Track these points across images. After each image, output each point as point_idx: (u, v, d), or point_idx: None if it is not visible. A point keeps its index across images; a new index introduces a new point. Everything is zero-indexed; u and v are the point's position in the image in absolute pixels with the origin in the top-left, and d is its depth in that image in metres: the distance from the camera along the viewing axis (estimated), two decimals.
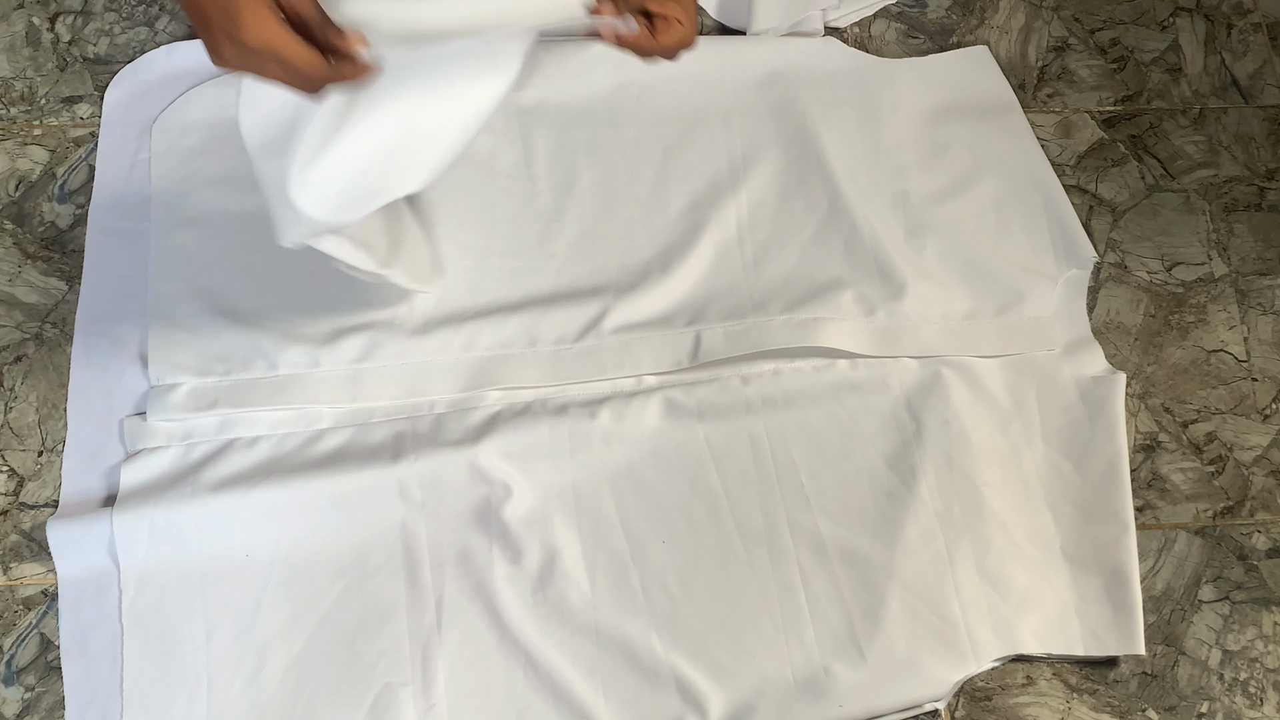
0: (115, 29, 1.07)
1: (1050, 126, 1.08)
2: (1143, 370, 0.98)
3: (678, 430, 0.91)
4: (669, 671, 0.83)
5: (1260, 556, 0.92)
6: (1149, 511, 0.93)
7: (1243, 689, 0.87)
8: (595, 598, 0.85)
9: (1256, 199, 1.06)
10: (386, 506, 0.87)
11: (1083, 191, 1.05)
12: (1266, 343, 1.00)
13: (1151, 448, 0.95)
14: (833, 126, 1.04)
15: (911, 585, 0.86)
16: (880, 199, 1.01)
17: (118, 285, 0.94)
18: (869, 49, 1.11)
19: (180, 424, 0.89)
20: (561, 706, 0.82)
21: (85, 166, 1.00)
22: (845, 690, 0.82)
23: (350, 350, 0.91)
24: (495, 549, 0.86)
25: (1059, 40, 1.13)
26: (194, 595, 0.84)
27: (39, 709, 0.82)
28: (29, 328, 0.94)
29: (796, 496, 0.89)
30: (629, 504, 0.88)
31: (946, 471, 0.90)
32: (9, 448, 0.90)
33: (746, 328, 0.94)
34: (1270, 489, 0.94)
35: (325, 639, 0.83)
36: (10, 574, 0.86)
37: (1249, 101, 1.11)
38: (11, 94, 1.03)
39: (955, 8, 1.14)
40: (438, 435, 0.89)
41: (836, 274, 0.97)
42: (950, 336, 0.95)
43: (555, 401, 0.91)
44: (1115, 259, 1.02)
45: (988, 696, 0.86)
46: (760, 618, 0.85)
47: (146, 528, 0.84)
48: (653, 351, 0.93)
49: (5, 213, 0.98)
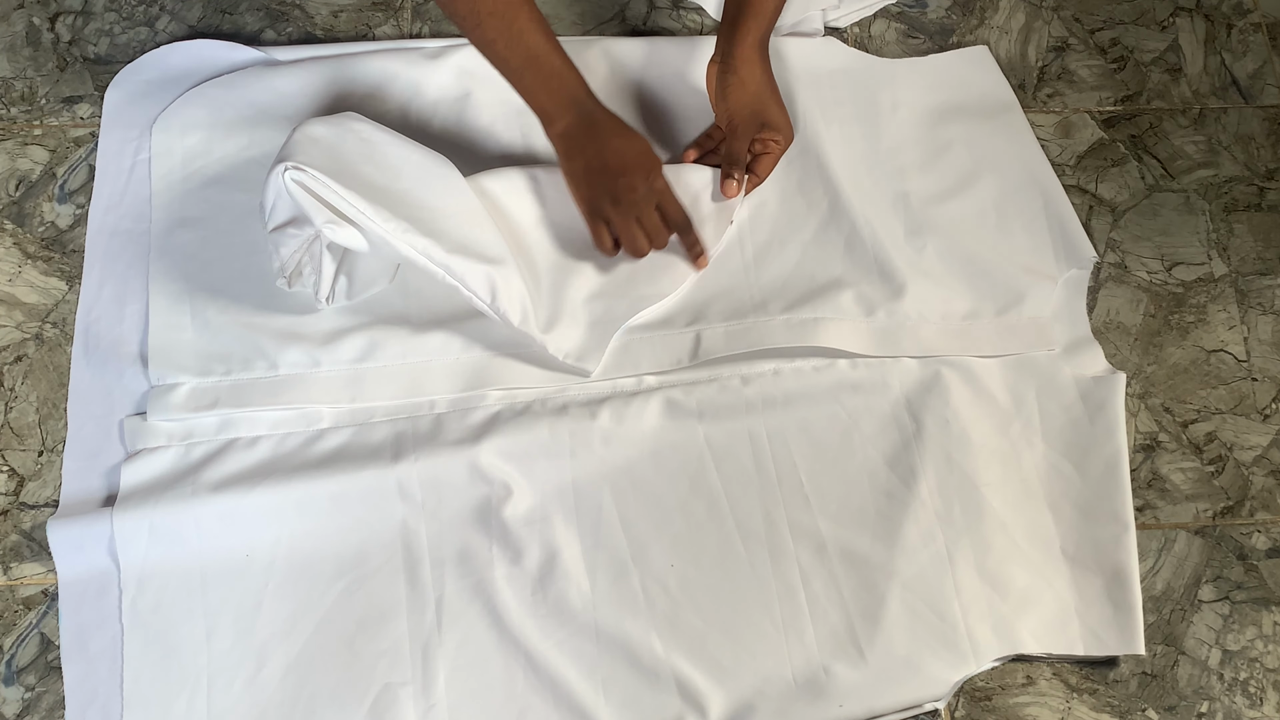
0: (115, 29, 1.07)
1: (1050, 126, 1.08)
2: (1143, 370, 0.98)
3: (678, 430, 0.91)
4: (669, 671, 0.83)
5: (1260, 556, 0.92)
6: (1149, 511, 0.93)
7: (1242, 689, 0.87)
8: (595, 598, 0.85)
9: (1256, 199, 1.06)
10: (387, 506, 0.87)
11: (1083, 191, 1.05)
12: (1266, 343, 1.00)
13: (1151, 448, 0.95)
14: (833, 126, 1.04)
15: (911, 585, 0.86)
16: (880, 199, 1.01)
17: (118, 285, 0.94)
18: (869, 49, 1.11)
19: (180, 424, 0.89)
20: (561, 706, 0.82)
21: (85, 166, 1.00)
22: (845, 690, 0.82)
23: (350, 350, 0.91)
24: (495, 549, 0.86)
25: (1059, 40, 1.13)
26: (194, 595, 0.84)
27: (39, 709, 0.82)
28: (29, 328, 0.94)
29: (796, 496, 0.89)
30: (629, 504, 0.88)
31: (946, 471, 0.90)
32: (9, 448, 0.90)
33: (746, 327, 0.94)
34: (1270, 489, 0.94)
35: (325, 639, 0.83)
36: (10, 574, 0.86)
37: (1249, 101, 1.11)
38: (11, 94, 1.03)
39: (955, 8, 1.14)
40: (438, 435, 0.89)
41: (837, 274, 0.97)
42: (950, 336, 0.95)
43: (555, 401, 0.91)
44: (1115, 259, 1.02)
45: (988, 696, 0.86)
46: (760, 618, 0.85)
47: (146, 528, 0.84)
48: (653, 351, 0.93)
49: (5, 213, 0.98)
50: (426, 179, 0.89)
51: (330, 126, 0.88)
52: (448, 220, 0.88)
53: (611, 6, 1.11)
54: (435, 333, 0.92)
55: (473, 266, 0.87)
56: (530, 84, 0.89)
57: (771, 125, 0.95)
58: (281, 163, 0.83)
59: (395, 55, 1.03)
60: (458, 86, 1.03)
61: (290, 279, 0.88)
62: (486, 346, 0.92)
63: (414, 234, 0.85)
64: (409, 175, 0.89)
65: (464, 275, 0.87)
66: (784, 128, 0.97)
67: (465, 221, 0.89)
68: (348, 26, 1.09)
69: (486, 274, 0.87)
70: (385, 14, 1.09)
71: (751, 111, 0.95)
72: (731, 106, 0.95)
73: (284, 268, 0.88)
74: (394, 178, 0.88)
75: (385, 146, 0.89)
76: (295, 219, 0.85)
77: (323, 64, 1.03)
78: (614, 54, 1.06)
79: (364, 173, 0.86)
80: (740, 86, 0.94)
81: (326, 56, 1.04)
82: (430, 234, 0.86)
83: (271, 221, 0.86)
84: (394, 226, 0.84)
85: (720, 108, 0.96)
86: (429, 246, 0.85)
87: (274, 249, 0.87)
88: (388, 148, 0.89)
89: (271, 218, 0.86)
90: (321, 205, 0.83)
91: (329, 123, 0.89)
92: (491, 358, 0.92)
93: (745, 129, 0.95)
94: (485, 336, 0.92)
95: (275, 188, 0.84)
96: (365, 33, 1.09)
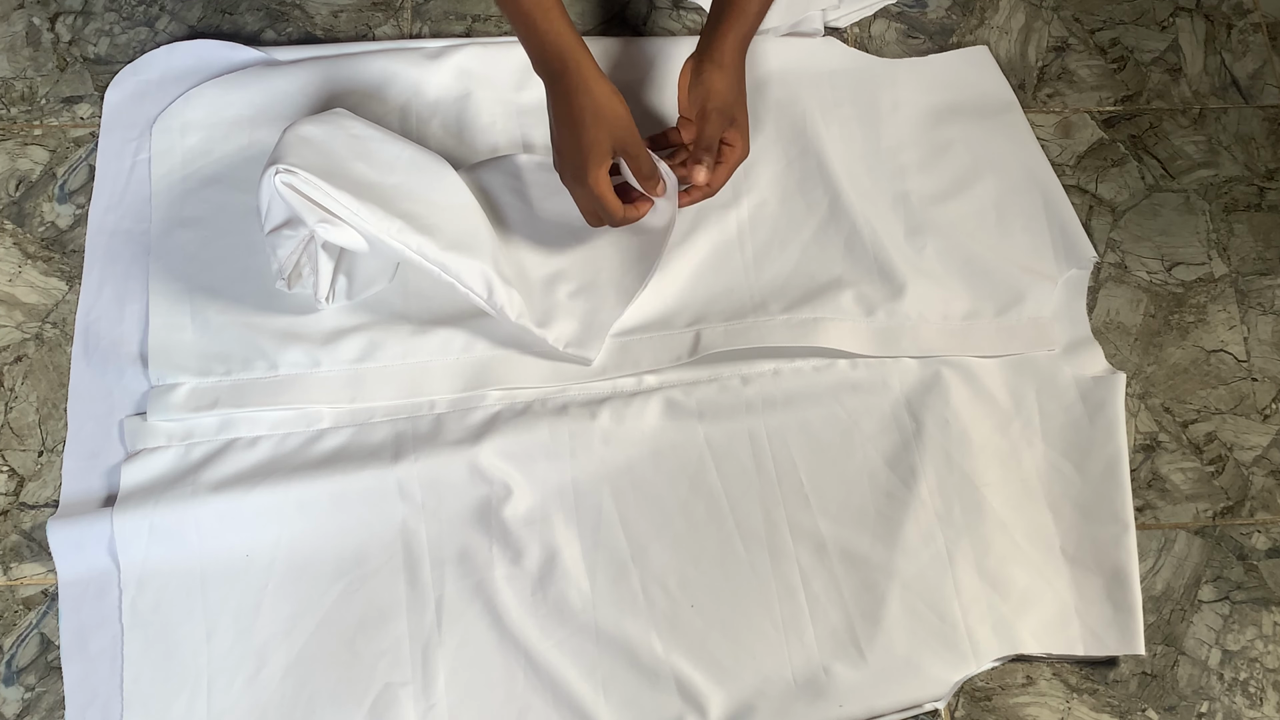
0: (115, 29, 1.07)
1: (1050, 126, 1.08)
2: (1143, 370, 0.98)
3: (678, 430, 0.91)
4: (669, 671, 0.83)
5: (1260, 556, 0.92)
6: (1149, 511, 0.93)
7: (1243, 689, 0.87)
8: (595, 598, 0.85)
9: (1256, 199, 1.06)
10: (386, 506, 0.87)
11: (1083, 191, 1.05)
12: (1266, 343, 1.00)
13: (1151, 448, 0.95)
14: (833, 126, 1.04)
15: (911, 585, 0.86)
16: (880, 199, 1.01)
17: (118, 285, 0.94)
18: (869, 49, 1.11)
19: (180, 424, 0.89)
20: (561, 706, 0.82)
21: (85, 166, 1.00)
22: (845, 690, 0.82)
23: (350, 350, 0.91)
24: (495, 549, 0.86)
25: (1059, 40, 1.13)
26: (194, 595, 0.84)
27: (39, 709, 0.82)
28: (29, 328, 0.94)
29: (796, 496, 0.89)
30: (629, 504, 0.88)
31: (946, 471, 0.90)
32: (9, 448, 0.90)
33: (746, 327, 0.94)
34: (1270, 489, 0.94)
35: (325, 639, 0.83)
36: (10, 574, 0.86)
37: (1249, 101, 1.11)
38: (11, 94, 1.03)
39: (955, 8, 1.14)
40: (438, 435, 0.89)
41: (837, 274, 0.97)
42: (950, 336, 0.95)
43: (555, 401, 0.91)
44: (1115, 259, 1.02)
45: (988, 696, 0.86)
46: (760, 618, 0.85)
47: (146, 528, 0.84)
48: (653, 351, 0.93)
49: (5, 213, 0.98)
50: (419, 174, 0.89)
51: (321, 125, 0.88)
52: (441, 214, 0.88)
53: (611, 6, 1.11)
54: (435, 333, 0.92)
55: (468, 263, 0.87)
56: (523, 34, 0.86)
57: (737, 126, 0.92)
58: (272, 165, 0.83)
59: (395, 55, 1.03)
60: (458, 86, 1.03)
61: (290, 280, 0.88)
62: (487, 346, 0.92)
63: (408, 232, 0.85)
64: (401, 171, 0.89)
65: (459, 272, 0.87)
66: (745, 135, 0.93)
67: (459, 216, 0.89)
68: (348, 26, 1.09)
69: (482, 270, 0.87)
70: (385, 14, 1.09)
71: (725, 103, 0.90)
72: (707, 94, 0.90)
73: (282, 269, 0.88)
74: (386, 173, 0.88)
75: (377, 143, 0.89)
76: (290, 220, 0.85)
77: (323, 64, 1.03)
78: (614, 54, 1.06)
79: (356, 170, 0.86)
80: (719, 77, 0.91)
81: (326, 56, 1.04)
82: (425, 230, 0.86)
83: (267, 224, 0.86)
84: (387, 226, 0.84)
85: (694, 94, 0.91)
86: (423, 244, 0.85)
87: (271, 251, 0.87)
88: (379, 144, 0.89)
89: (267, 220, 0.86)
90: (313, 206, 0.83)
91: (319, 121, 0.89)
92: (491, 358, 0.92)
93: (718, 119, 0.90)
94: (485, 336, 0.92)
95: (268, 190, 0.84)
96: (365, 33, 1.09)
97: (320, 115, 0.90)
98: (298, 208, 0.83)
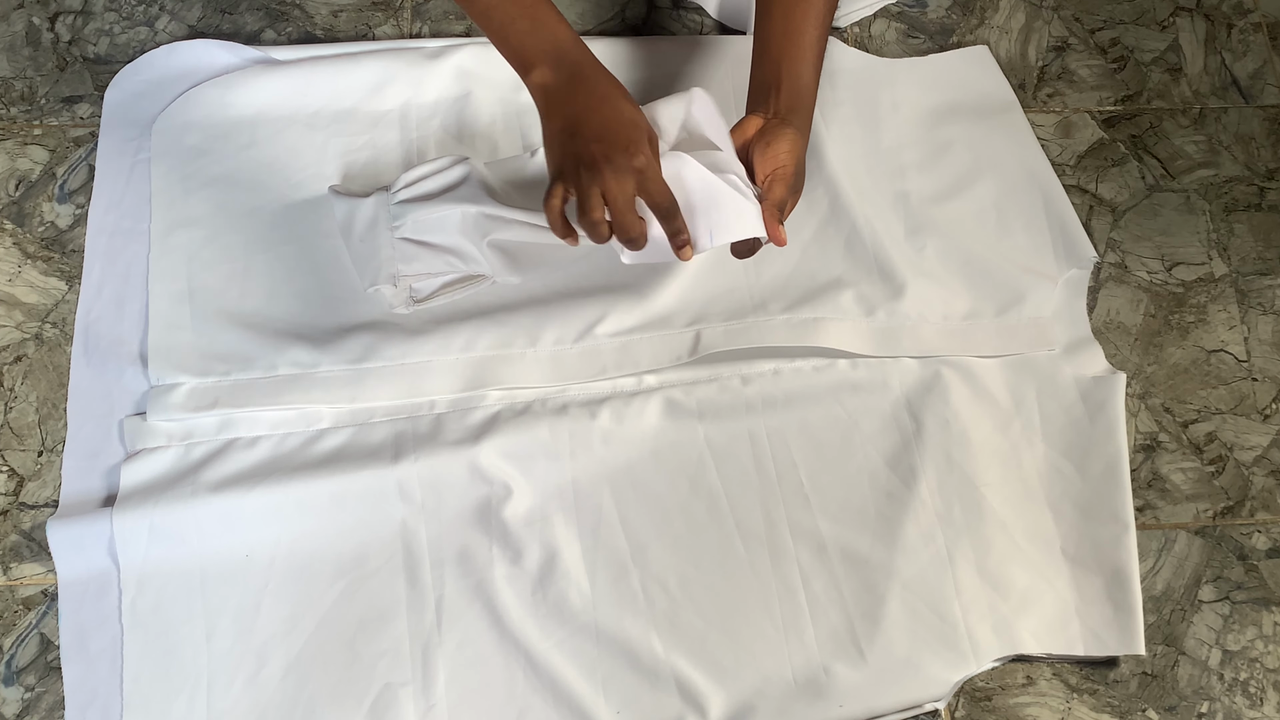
0: (115, 29, 1.07)
1: (1050, 126, 1.08)
2: (1143, 370, 0.98)
3: (678, 430, 0.91)
4: (669, 671, 0.83)
5: (1260, 556, 0.92)
6: (1149, 511, 0.93)
7: (1243, 689, 0.87)
8: (595, 598, 0.85)
9: (1256, 199, 1.06)
10: (386, 506, 0.87)
11: (1083, 191, 1.05)
12: (1266, 343, 1.00)
13: (1151, 448, 0.95)
14: (833, 126, 1.04)
15: (911, 585, 0.86)
16: (880, 199, 1.01)
17: (118, 285, 0.94)
18: (869, 49, 1.11)
19: (180, 424, 0.89)
20: (561, 706, 0.82)
21: (85, 166, 1.00)
22: (845, 690, 0.82)
23: (350, 350, 0.91)
24: (495, 549, 0.86)
25: (1059, 40, 1.13)
26: (194, 595, 0.84)
27: (39, 709, 0.82)
28: (29, 328, 0.94)
29: (796, 496, 0.89)
30: (629, 504, 0.88)
31: (946, 471, 0.90)
32: (9, 448, 0.90)
33: (746, 327, 0.94)
34: (1270, 489, 0.94)
35: (325, 639, 0.83)
36: (10, 574, 0.86)
37: (1249, 101, 1.11)
38: (11, 94, 1.03)
39: (955, 8, 1.14)
40: (438, 435, 0.89)
41: (837, 274, 0.97)
42: (950, 336, 0.95)
43: (555, 401, 0.91)
44: (1115, 259, 1.02)
45: (988, 696, 0.86)
46: (760, 618, 0.85)
47: (146, 528, 0.84)
48: (653, 350, 0.93)
49: (5, 213, 0.98)
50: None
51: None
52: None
53: (611, 6, 1.11)
54: (435, 333, 0.92)
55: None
56: (507, 31, 0.81)
57: (800, 190, 0.85)
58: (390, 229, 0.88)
59: (395, 55, 1.03)
60: (458, 86, 1.03)
61: (394, 280, 0.89)
62: (486, 346, 0.92)
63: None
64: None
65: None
66: (801, 189, 0.86)
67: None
68: (348, 26, 1.09)
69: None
70: (385, 14, 1.09)
71: (798, 174, 0.83)
72: (779, 163, 0.82)
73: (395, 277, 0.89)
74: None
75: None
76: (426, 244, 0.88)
77: (323, 64, 1.03)
78: (614, 54, 1.06)
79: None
80: (792, 144, 0.82)
81: (326, 56, 1.04)
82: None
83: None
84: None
85: (765, 159, 0.82)
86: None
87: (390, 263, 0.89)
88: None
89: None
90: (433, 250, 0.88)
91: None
92: (491, 358, 0.92)
93: (794, 190, 0.83)
94: (485, 336, 0.92)
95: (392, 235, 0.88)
96: (365, 33, 1.09)
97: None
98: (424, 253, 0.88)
